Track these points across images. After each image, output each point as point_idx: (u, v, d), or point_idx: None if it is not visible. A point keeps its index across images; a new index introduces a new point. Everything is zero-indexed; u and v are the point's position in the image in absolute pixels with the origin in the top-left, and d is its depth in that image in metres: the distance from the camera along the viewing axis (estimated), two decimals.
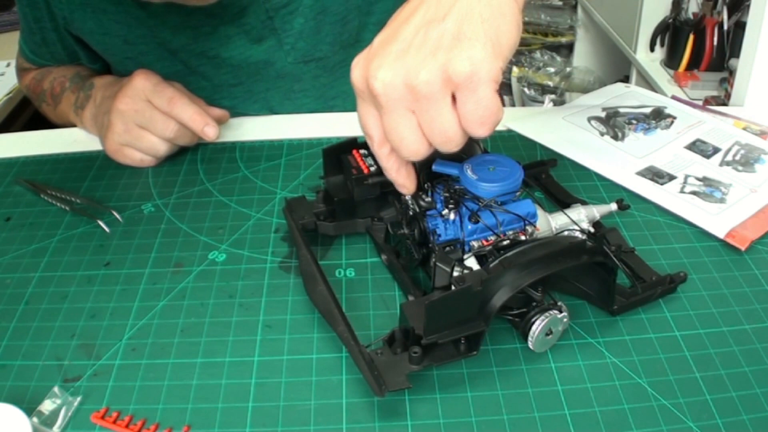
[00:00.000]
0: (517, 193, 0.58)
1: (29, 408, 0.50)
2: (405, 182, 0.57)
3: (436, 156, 0.58)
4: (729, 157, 0.77)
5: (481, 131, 0.50)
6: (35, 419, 0.50)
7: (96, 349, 0.57)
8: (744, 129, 0.82)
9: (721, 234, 0.67)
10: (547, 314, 0.53)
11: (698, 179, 0.74)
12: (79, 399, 0.52)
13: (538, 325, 0.53)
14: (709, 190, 0.72)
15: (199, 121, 0.76)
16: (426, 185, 0.61)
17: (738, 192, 0.72)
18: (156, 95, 0.75)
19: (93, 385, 0.54)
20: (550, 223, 0.61)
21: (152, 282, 0.64)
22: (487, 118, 0.49)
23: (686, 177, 0.74)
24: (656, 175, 0.75)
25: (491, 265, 0.53)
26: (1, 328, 0.59)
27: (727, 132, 0.82)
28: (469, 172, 0.58)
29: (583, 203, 0.66)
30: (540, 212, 0.60)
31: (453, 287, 0.52)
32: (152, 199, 0.75)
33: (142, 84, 0.76)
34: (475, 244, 0.57)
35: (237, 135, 0.85)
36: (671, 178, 0.75)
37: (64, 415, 0.51)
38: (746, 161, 0.77)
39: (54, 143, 0.84)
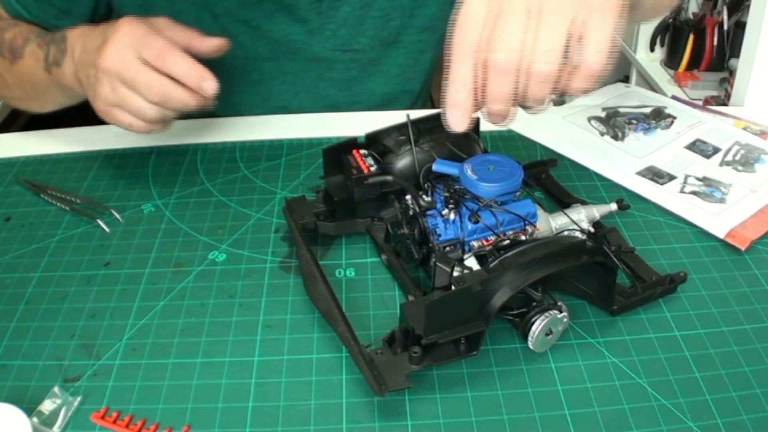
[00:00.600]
0: (517, 193, 0.58)
1: (29, 408, 0.50)
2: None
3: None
4: (729, 157, 0.77)
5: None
6: (35, 419, 0.50)
7: (96, 349, 0.57)
8: (744, 129, 0.82)
9: (721, 234, 0.67)
10: (547, 314, 0.53)
11: (698, 179, 0.74)
12: (79, 399, 0.52)
13: (538, 325, 0.53)
14: (709, 190, 0.72)
15: (194, 75, 0.65)
16: (426, 185, 0.61)
17: (738, 192, 0.72)
18: (144, 48, 0.65)
19: (93, 385, 0.54)
20: (550, 223, 0.61)
21: (152, 282, 0.64)
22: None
23: (686, 177, 0.74)
24: (656, 175, 0.75)
25: (491, 265, 0.53)
26: (1, 328, 0.59)
27: (727, 132, 0.82)
28: (469, 172, 0.58)
29: (583, 203, 0.66)
30: (540, 212, 0.60)
31: (453, 287, 0.52)
32: (152, 199, 0.75)
33: (129, 35, 0.65)
34: (475, 244, 0.57)
35: (237, 135, 0.85)
36: (671, 178, 0.75)
37: (64, 415, 0.51)
38: (746, 161, 0.77)
39: (54, 143, 0.84)
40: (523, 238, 0.58)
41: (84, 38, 0.71)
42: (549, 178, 0.74)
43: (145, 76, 0.65)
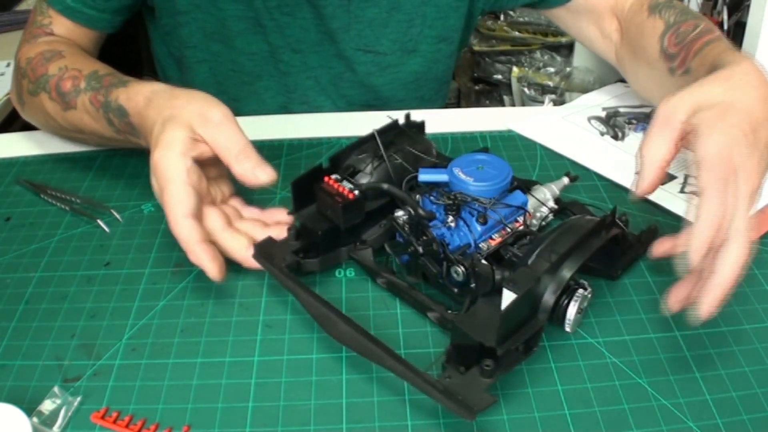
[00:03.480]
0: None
1: (29, 408, 0.50)
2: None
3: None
4: None
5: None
6: (35, 419, 0.50)
7: (96, 349, 0.57)
8: None
9: None
10: (577, 295, 0.54)
11: None
12: (79, 399, 0.52)
13: (572, 308, 0.53)
14: None
15: (192, 255, 0.60)
16: (416, 196, 0.60)
17: None
18: (170, 199, 0.60)
19: (93, 385, 0.54)
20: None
21: (152, 282, 0.64)
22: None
23: (686, 177, 0.74)
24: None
25: (530, 261, 0.53)
26: (1, 328, 0.59)
27: None
28: (461, 176, 0.58)
29: (536, 183, 0.66)
30: (530, 198, 0.61)
31: (506, 291, 0.50)
32: (152, 199, 0.74)
33: (172, 155, 0.61)
34: (483, 245, 0.57)
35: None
36: (671, 178, 0.74)
37: (64, 415, 0.51)
38: None
39: (54, 143, 0.84)
40: (520, 228, 0.59)
41: (141, 118, 0.67)
42: None
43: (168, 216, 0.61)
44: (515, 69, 2.04)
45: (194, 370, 0.55)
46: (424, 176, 0.59)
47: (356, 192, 0.60)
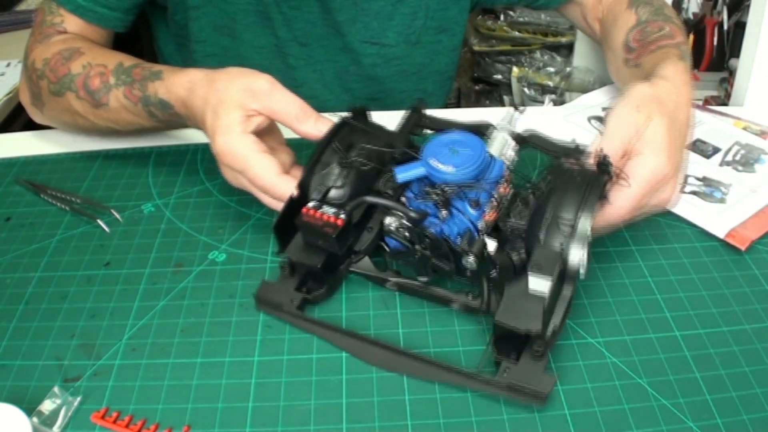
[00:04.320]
0: None
1: (29, 408, 0.50)
2: None
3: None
4: (729, 157, 0.77)
5: None
6: (35, 419, 0.50)
7: (96, 349, 0.57)
8: (744, 129, 0.82)
9: (721, 234, 0.67)
10: (579, 240, 0.53)
11: (698, 179, 0.74)
12: (79, 399, 0.52)
13: (584, 256, 0.53)
14: (709, 190, 0.72)
15: (270, 201, 0.64)
16: (402, 198, 0.59)
17: (738, 192, 0.72)
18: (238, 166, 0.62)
19: (93, 385, 0.54)
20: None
21: (152, 282, 0.64)
22: None
23: (686, 177, 0.74)
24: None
25: (540, 235, 0.53)
26: (1, 328, 0.59)
27: (727, 132, 0.82)
28: (440, 167, 0.56)
29: (488, 126, 0.65)
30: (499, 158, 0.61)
31: (532, 275, 0.52)
32: (152, 199, 0.74)
33: (229, 131, 0.62)
34: (480, 224, 0.57)
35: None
36: None
37: (64, 415, 0.51)
38: (746, 161, 0.77)
39: (54, 143, 0.84)
40: (508, 193, 0.59)
41: (187, 108, 0.69)
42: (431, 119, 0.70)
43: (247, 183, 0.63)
44: (515, 69, 2.04)
45: (194, 370, 0.55)
46: (403, 176, 0.57)
47: (342, 216, 0.57)
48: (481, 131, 0.63)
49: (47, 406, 0.51)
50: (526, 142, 0.64)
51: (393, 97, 0.98)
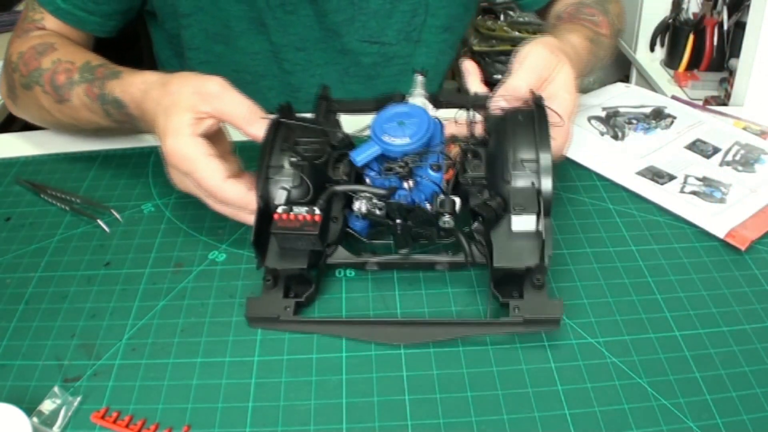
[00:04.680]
0: None
1: (29, 408, 0.50)
2: None
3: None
4: (729, 157, 0.77)
5: None
6: (35, 419, 0.50)
7: (96, 349, 0.57)
8: (744, 129, 0.82)
9: (721, 234, 0.67)
10: (546, 173, 0.57)
11: (698, 179, 0.74)
12: (79, 399, 0.52)
13: (551, 185, 0.57)
14: (709, 190, 0.72)
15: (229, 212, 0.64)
16: (365, 178, 0.60)
17: (738, 192, 0.72)
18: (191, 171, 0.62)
19: (93, 385, 0.54)
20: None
21: (152, 282, 0.64)
22: None
23: (686, 177, 0.74)
24: (656, 175, 0.75)
25: (508, 178, 0.57)
26: (1, 328, 0.59)
27: (727, 132, 0.82)
28: (394, 140, 0.57)
29: (401, 94, 0.68)
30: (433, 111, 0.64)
31: (517, 215, 0.56)
32: (152, 199, 0.74)
33: (179, 133, 0.62)
34: (443, 184, 0.60)
35: (237, 134, 0.85)
36: (671, 178, 0.75)
37: (64, 415, 0.51)
38: (746, 161, 0.77)
39: (54, 143, 0.84)
40: (456, 150, 0.63)
41: (140, 110, 0.69)
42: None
43: (198, 191, 0.63)
44: None
45: (194, 370, 0.55)
46: (361, 158, 0.58)
47: (317, 212, 0.58)
48: (395, 101, 0.64)
49: (47, 406, 0.51)
50: (440, 102, 0.67)
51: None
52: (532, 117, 0.60)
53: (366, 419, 0.51)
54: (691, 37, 1.57)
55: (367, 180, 0.60)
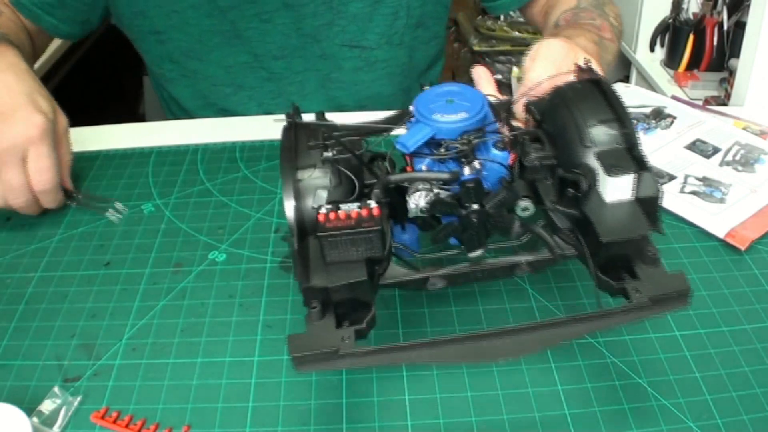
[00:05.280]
0: None
1: (29, 408, 0.50)
2: None
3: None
4: (729, 157, 0.77)
5: None
6: (35, 419, 0.50)
7: (96, 349, 0.57)
8: (744, 129, 0.82)
9: (721, 234, 0.67)
10: (629, 125, 0.50)
11: (698, 179, 0.74)
12: (79, 399, 0.52)
13: (640, 140, 0.50)
14: (709, 190, 0.72)
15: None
16: (412, 162, 0.52)
17: (738, 192, 0.72)
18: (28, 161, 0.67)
19: (93, 385, 0.54)
20: None
21: (152, 282, 0.64)
22: None
23: (686, 177, 0.74)
24: (656, 175, 0.75)
25: (587, 143, 0.49)
26: (1, 328, 0.59)
27: (727, 132, 0.82)
28: (450, 117, 0.50)
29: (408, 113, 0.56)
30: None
31: (613, 177, 0.48)
32: (152, 199, 0.74)
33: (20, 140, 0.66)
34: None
35: (237, 135, 0.85)
36: (671, 178, 0.75)
37: (64, 415, 0.51)
38: (746, 161, 0.77)
39: None
40: (512, 133, 0.54)
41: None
42: None
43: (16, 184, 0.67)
44: (515, 69, 2.04)
45: (194, 370, 0.55)
46: (412, 142, 0.49)
47: (372, 204, 0.46)
48: (402, 120, 0.56)
49: (47, 406, 0.51)
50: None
51: (381, 102, 0.96)
52: (588, 82, 0.54)
53: (366, 419, 0.51)
54: (691, 37, 1.57)
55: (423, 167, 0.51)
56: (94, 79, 1.62)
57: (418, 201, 0.48)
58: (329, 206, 0.47)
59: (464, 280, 0.54)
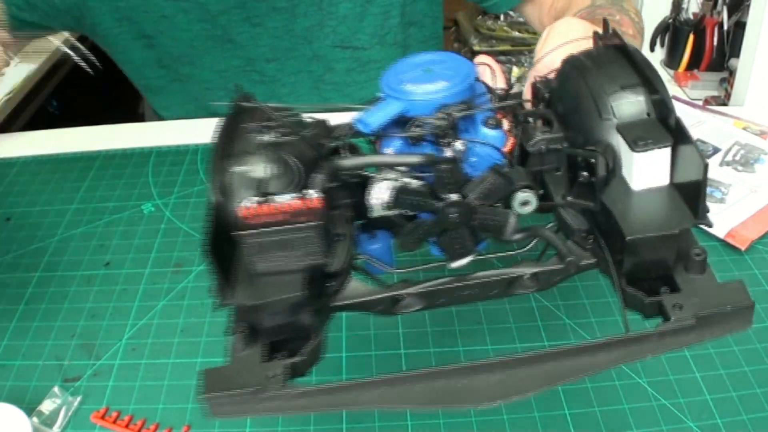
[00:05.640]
0: None
1: (29, 408, 0.50)
2: None
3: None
4: (729, 157, 0.77)
5: None
6: (35, 419, 0.50)
7: (96, 349, 0.57)
8: (744, 129, 0.82)
9: (721, 234, 0.67)
10: (662, 88, 0.40)
11: None
12: (79, 399, 0.52)
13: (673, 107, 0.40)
14: (709, 190, 0.72)
15: None
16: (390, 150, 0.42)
17: (738, 192, 0.72)
18: None
19: (93, 385, 0.54)
20: None
21: (152, 282, 0.64)
22: None
23: None
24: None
25: (605, 114, 0.39)
26: (1, 328, 0.59)
27: (727, 132, 0.82)
28: (425, 87, 0.40)
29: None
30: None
31: (641, 153, 0.37)
32: (152, 199, 0.74)
33: None
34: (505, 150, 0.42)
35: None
36: None
37: (64, 415, 0.51)
38: (746, 161, 0.77)
39: (54, 143, 0.84)
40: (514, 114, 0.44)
41: None
42: None
43: None
44: (515, 69, 2.04)
45: (194, 370, 0.55)
46: (374, 119, 0.39)
47: (312, 194, 0.36)
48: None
49: (47, 406, 0.51)
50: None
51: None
52: (611, 48, 0.43)
53: (366, 419, 0.51)
54: (691, 37, 1.57)
55: (388, 151, 0.41)
56: (94, 79, 1.62)
57: (380, 194, 0.38)
58: (259, 198, 0.37)
59: (447, 301, 0.42)
